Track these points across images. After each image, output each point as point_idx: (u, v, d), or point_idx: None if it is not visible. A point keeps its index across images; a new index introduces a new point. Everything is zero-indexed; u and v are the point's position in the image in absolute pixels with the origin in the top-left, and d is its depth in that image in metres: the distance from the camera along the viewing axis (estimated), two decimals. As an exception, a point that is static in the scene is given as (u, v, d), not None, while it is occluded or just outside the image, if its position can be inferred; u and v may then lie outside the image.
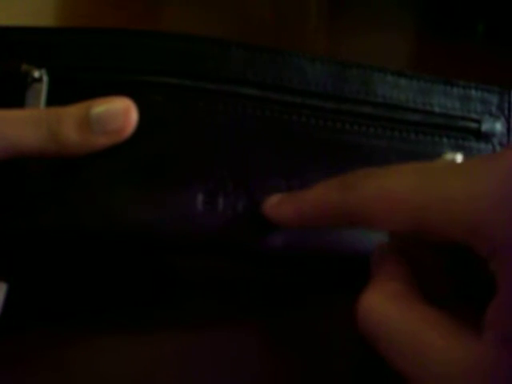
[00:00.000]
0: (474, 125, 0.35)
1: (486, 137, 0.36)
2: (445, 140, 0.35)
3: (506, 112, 0.36)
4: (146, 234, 0.30)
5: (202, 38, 0.32)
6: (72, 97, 0.30)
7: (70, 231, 0.30)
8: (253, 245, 0.31)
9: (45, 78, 0.30)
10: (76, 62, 0.31)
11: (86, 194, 0.30)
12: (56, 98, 0.31)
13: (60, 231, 0.30)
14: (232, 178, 0.31)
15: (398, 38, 0.64)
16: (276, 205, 0.30)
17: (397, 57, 0.62)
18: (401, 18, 0.68)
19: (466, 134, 0.35)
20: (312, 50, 0.62)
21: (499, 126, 0.36)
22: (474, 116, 0.35)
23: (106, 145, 0.30)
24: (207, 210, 0.30)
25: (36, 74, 0.30)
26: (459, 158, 0.33)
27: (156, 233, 0.30)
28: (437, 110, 0.35)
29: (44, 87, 0.30)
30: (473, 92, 0.36)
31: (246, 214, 0.31)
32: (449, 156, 0.33)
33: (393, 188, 0.25)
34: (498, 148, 0.36)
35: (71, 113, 0.30)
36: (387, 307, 0.25)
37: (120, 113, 0.30)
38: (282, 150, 0.32)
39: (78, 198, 0.30)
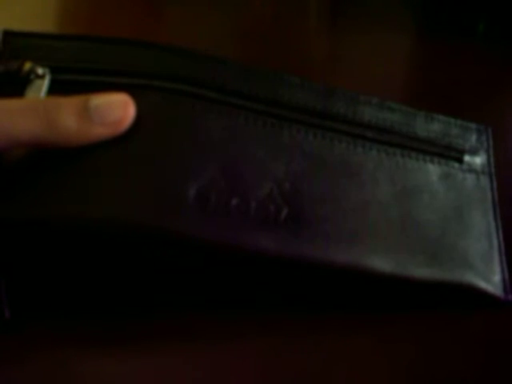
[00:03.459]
0: (456, 154, 0.37)
1: (468, 165, 0.37)
2: (430, 165, 0.36)
3: (485, 145, 0.38)
4: (136, 228, 0.30)
5: (199, 53, 0.34)
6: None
7: (59, 224, 0.30)
8: (244, 245, 0.31)
9: (48, 77, 0.31)
10: (77, 65, 0.32)
11: (77, 186, 0.30)
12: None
13: (48, 223, 0.30)
14: (224, 178, 0.31)
15: (399, 37, 0.64)
16: None
17: (398, 57, 0.62)
18: (401, 17, 0.68)
19: (450, 162, 0.37)
20: (312, 50, 0.63)
21: (479, 158, 0.38)
22: (456, 146, 0.37)
23: (103, 136, 0.30)
24: (199, 207, 0.31)
25: (40, 71, 0.31)
26: None
27: (146, 227, 0.30)
28: (421, 137, 0.36)
29: (45, 84, 0.31)
30: (452, 127, 0.38)
31: (240, 213, 0.31)
32: None
33: None
34: (481, 176, 0.37)
35: (70, 102, 0.30)
36: None
37: (118, 105, 0.30)
38: (273, 157, 0.33)
39: (69, 189, 0.30)
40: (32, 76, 0.31)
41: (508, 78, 0.58)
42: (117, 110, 0.30)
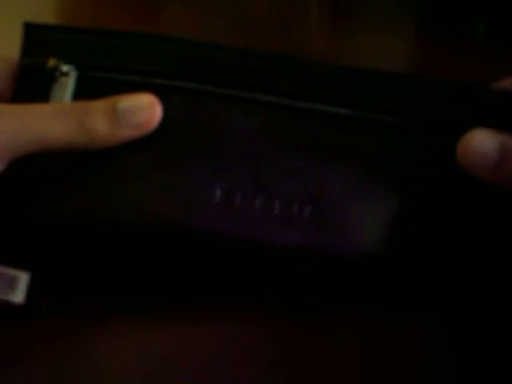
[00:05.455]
0: None
1: None
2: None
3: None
4: (162, 227, 0.31)
5: (220, 45, 0.33)
6: (97, 95, 0.31)
7: (87, 222, 0.31)
8: (268, 242, 0.32)
9: (73, 74, 0.31)
10: (103, 62, 0.32)
11: (106, 188, 0.31)
12: (81, 96, 0.31)
13: (76, 221, 0.31)
14: (250, 176, 0.32)
15: (400, 38, 0.64)
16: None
17: (398, 57, 0.62)
18: (402, 18, 0.68)
19: None
20: (312, 49, 0.63)
21: None
22: None
23: (132, 137, 0.31)
24: (224, 206, 0.31)
25: (64, 68, 0.31)
26: None
27: (172, 226, 0.31)
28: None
29: (71, 82, 0.31)
30: None
31: (264, 212, 0.32)
32: None
33: None
34: None
35: (99, 106, 0.30)
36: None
37: (145, 107, 0.31)
38: (298, 152, 0.33)
39: (98, 192, 0.31)
40: (57, 73, 0.31)
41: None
42: (144, 111, 0.31)
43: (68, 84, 0.31)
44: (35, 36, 0.32)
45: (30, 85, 0.31)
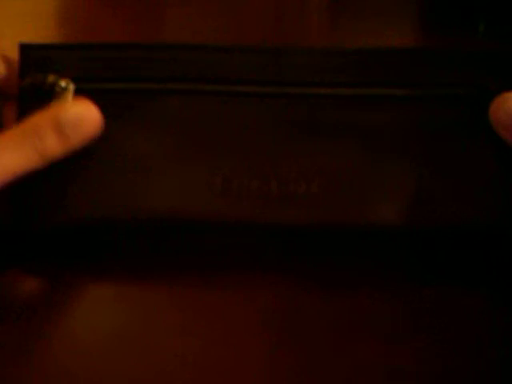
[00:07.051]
0: None
1: None
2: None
3: None
4: (164, 222, 0.34)
5: (206, 45, 0.35)
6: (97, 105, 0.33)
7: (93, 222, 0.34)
8: (270, 223, 0.34)
9: (71, 87, 0.33)
10: (98, 74, 0.34)
11: (106, 183, 0.34)
12: None
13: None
14: (245, 163, 0.34)
15: (399, 37, 0.64)
16: None
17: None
18: (402, 17, 0.68)
19: None
20: (314, 42, 0.63)
21: None
22: None
23: (82, 144, 0.32)
24: (223, 193, 0.34)
25: (63, 83, 0.32)
26: None
27: (174, 219, 0.34)
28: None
29: (70, 96, 0.33)
30: None
31: (261, 193, 0.34)
32: None
33: None
34: None
35: (45, 123, 0.31)
36: None
37: (86, 114, 0.32)
38: (288, 136, 0.34)
39: (117, 191, 0.34)
40: (57, 88, 0.32)
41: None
42: (87, 120, 0.32)
43: (68, 98, 0.33)
44: (31, 56, 0.34)
45: (32, 103, 0.33)
